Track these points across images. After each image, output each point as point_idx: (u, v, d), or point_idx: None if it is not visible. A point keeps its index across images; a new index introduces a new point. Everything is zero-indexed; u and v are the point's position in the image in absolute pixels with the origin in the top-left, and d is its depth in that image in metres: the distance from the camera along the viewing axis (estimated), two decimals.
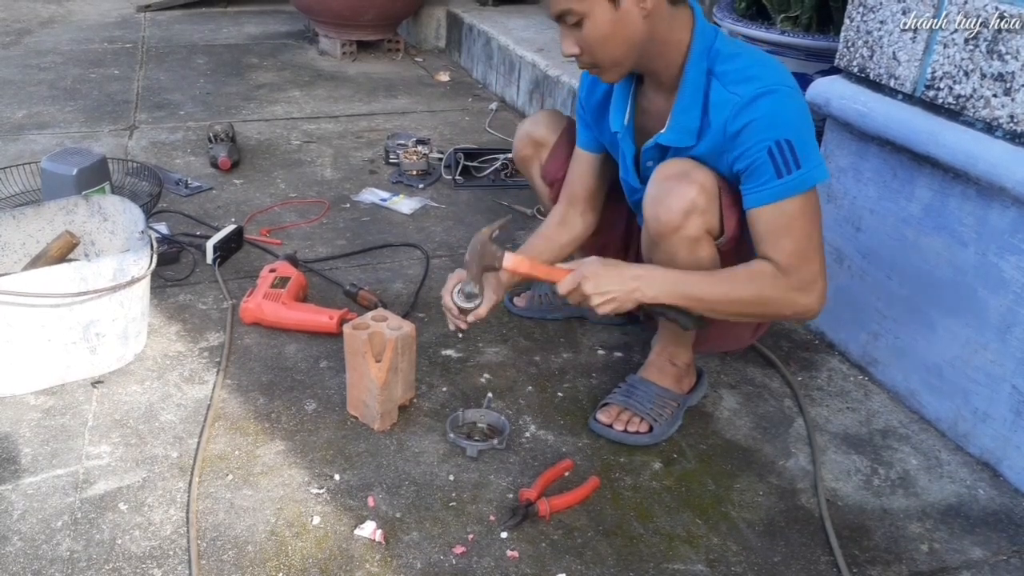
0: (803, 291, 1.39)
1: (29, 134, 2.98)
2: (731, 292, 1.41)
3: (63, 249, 1.82)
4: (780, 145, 1.33)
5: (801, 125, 1.36)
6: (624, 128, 1.54)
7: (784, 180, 1.35)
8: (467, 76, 3.98)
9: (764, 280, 1.39)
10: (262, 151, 2.93)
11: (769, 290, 1.39)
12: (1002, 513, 1.50)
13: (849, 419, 1.73)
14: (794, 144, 1.33)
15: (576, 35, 1.38)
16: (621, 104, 1.55)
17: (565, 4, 1.35)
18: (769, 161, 1.34)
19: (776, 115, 1.34)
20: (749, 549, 1.39)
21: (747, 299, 1.41)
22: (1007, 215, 1.52)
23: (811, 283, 1.39)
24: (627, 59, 1.41)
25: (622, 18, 1.35)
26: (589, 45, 1.38)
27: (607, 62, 1.41)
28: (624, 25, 1.36)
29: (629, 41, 1.38)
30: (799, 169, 1.34)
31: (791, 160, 1.33)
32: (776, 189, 1.35)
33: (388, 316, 1.62)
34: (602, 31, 1.36)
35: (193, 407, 1.65)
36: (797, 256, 1.38)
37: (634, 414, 1.62)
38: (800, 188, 1.36)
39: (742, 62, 1.39)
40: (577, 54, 1.40)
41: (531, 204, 2.59)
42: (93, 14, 4.77)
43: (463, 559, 1.34)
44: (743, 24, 2.15)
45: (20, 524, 1.37)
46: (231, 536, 1.37)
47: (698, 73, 1.40)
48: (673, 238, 1.42)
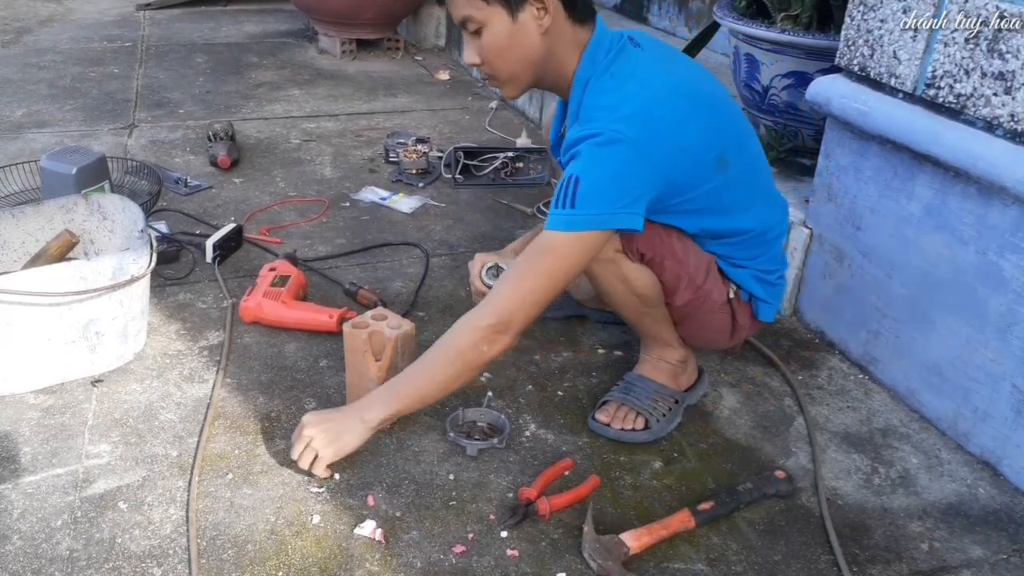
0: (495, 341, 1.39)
1: (28, 133, 2.98)
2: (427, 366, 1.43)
3: (62, 248, 1.82)
4: (570, 180, 1.33)
5: (602, 170, 1.32)
6: (558, 140, 1.60)
7: (557, 212, 1.34)
8: (467, 75, 3.98)
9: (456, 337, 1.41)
10: (262, 150, 2.92)
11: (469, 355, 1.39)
12: (1002, 512, 1.50)
13: (849, 418, 1.73)
14: (580, 184, 1.31)
15: (476, 44, 1.41)
16: (558, 119, 1.62)
17: (465, 11, 1.38)
18: (559, 190, 1.34)
19: (585, 156, 1.33)
20: (749, 548, 1.39)
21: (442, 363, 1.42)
22: (1007, 214, 1.52)
23: (505, 330, 1.38)
24: (525, 74, 1.44)
25: (519, 31, 1.38)
26: (488, 56, 1.41)
27: (505, 74, 1.44)
28: (521, 39, 1.38)
29: (526, 56, 1.40)
30: (571, 208, 1.32)
31: (569, 197, 1.32)
32: (552, 217, 1.35)
33: (388, 315, 1.62)
34: (499, 42, 1.38)
35: (193, 406, 1.65)
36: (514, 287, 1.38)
37: (631, 410, 1.62)
38: (563, 227, 1.34)
39: (601, 97, 1.38)
40: (478, 64, 1.43)
41: (531, 203, 2.59)
42: (92, 12, 4.77)
43: (463, 558, 1.34)
44: (743, 23, 2.15)
45: (20, 523, 1.37)
46: (231, 535, 1.37)
47: (575, 102, 1.44)
48: (593, 265, 1.46)
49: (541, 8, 1.37)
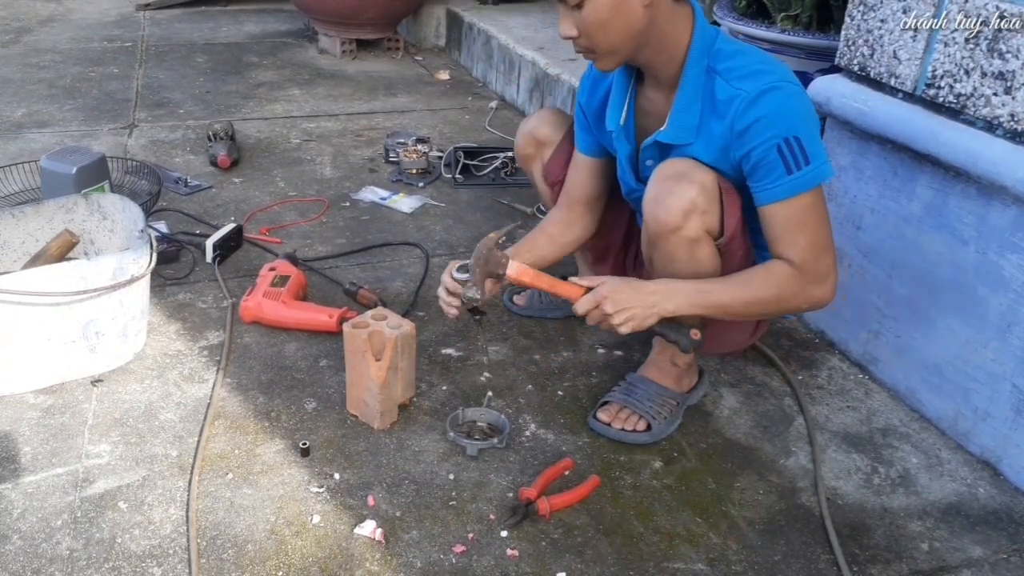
0: (818, 284, 1.42)
1: (28, 133, 2.98)
2: (751, 296, 1.43)
3: (62, 248, 1.82)
4: (789, 142, 1.34)
5: (808, 122, 1.37)
6: (620, 127, 1.54)
7: (794, 176, 1.35)
8: (467, 74, 3.98)
9: (782, 280, 1.41)
10: (261, 150, 2.92)
11: (787, 289, 1.41)
12: (1002, 512, 1.50)
13: (849, 418, 1.73)
14: (803, 141, 1.34)
15: (575, 17, 1.37)
16: (618, 103, 1.54)
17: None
18: (779, 158, 1.35)
19: (783, 111, 1.34)
20: (749, 548, 1.39)
21: (767, 299, 1.43)
22: (1007, 213, 1.51)
23: (826, 275, 1.42)
24: (624, 47, 1.40)
25: (623, 4, 1.34)
26: (587, 29, 1.37)
27: (604, 48, 1.39)
28: (624, 12, 1.35)
29: (628, 29, 1.37)
30: (808, 166, 1.35)
31: (800, 157, 1.34)
32: (788, 186, 1.36)
33: (388, 315, 1.61)
34: (602, 15, 1.35)
35: (193, 406, 1.65)
36: (812, 251, 1.40)
37: (633, 412, 1.62)
38: (810, 184, 1.37)
39: (744, 59, 1.40)
40: (575, 36, 1.39)
41: (531, 203, 2.59)
42: (92, 13, 4.77)
43: (463, 558, 1.34)
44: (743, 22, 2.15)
45: (20, 523, 1.37)
46: (231, 535, 1.36)
47: (698, 71, 1.40)
48: (672, 238, 1.42)
49: None
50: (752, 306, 1.44)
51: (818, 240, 1.40)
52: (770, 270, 1.42)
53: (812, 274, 1.40)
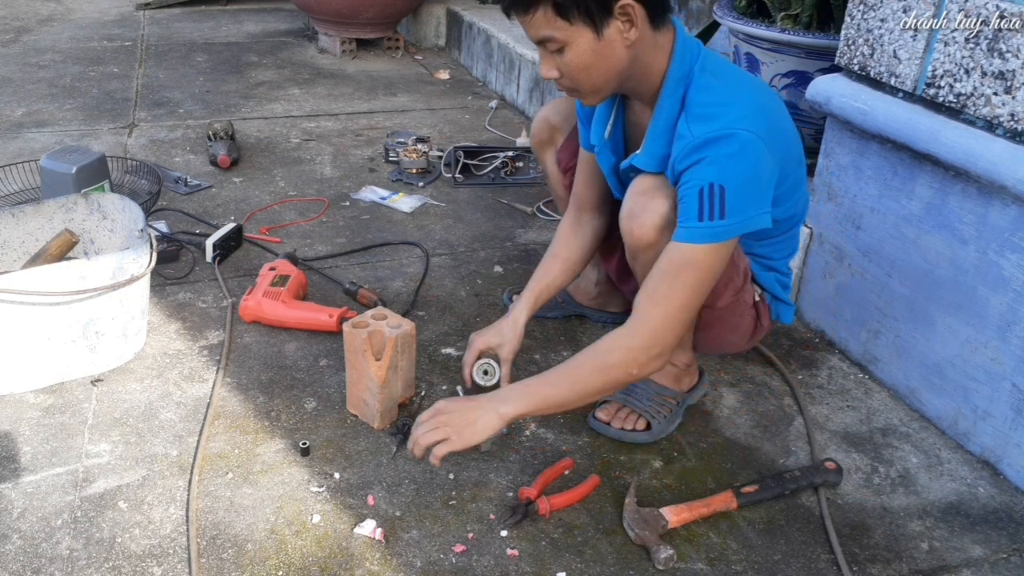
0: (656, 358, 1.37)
1: (28, 132, 2.97)
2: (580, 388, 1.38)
3: (62, 247, 1.82)
4: (712, 189, 1.29)
5: (744, 173, 1.30)
6: (603, 141, 1.55)
7: (703, 225, 1.31)
8: (467, 74, 3.97)
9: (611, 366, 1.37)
10: (261, 149, 2.92)
11: (617, 372, 1.37)
12: (1002, 511, 1.50)
13: (849, 417, 1.73)
14: (727, 192, 1.28)
15: (557, 60, 1.35)
16: (603, 117, 1.55)
17: (547, 31, 1.31)
18: (696, 201, 1.30)
19: (719, 159, 1.29)
20: (749, 547, 1.39)
21: (599, 388, 1.39)
22: (1007, 213, 1.51)
23: (659, 354, 1.37)
24: (608, 86, 1.39)
25: (605, 48, 1.32)
26: (570, 71, 1.35)
27: (587, 88, 1.39)
28: (607, 55, 1.33)
29: (611, 70, 1.35)
30: (722, 220, 1.29)
31: (717, 208, 1.29)
32: (693, 231, 1.31)
33: (388, 314, 1.61)
34: (584, 60, 1.33)
35: (193, 405, 1.65)
36: (662, 311, 1.35)
37: (632, 411, 1.62)
38: (717, 238, 1.31)
39: (711, 94, 1.35)
40: (557, 78, 1.38)
41: (531, 202, 2.59)
42: (92, 12, 4.76)
43: (463, 557, 1.34)
44: (743, 22, 2.15)
45: (20, 522, 1.37)
46: (231, 534, 1.36)
47: (672, 101, 1.38)
48: (649, 252, 1.42)
49: (627, 21, 1.30)
50: (587, 397, 1.40)
51: (677, 302, 1.34)
52: (598, 345, 1.39)
53: (657, 348, 1.36)
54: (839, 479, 1.51)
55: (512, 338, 1.66)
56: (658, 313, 1.35)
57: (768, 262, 1.58)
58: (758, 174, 1.32)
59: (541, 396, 1.39)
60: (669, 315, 1.35)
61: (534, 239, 2.38)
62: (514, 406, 1.37)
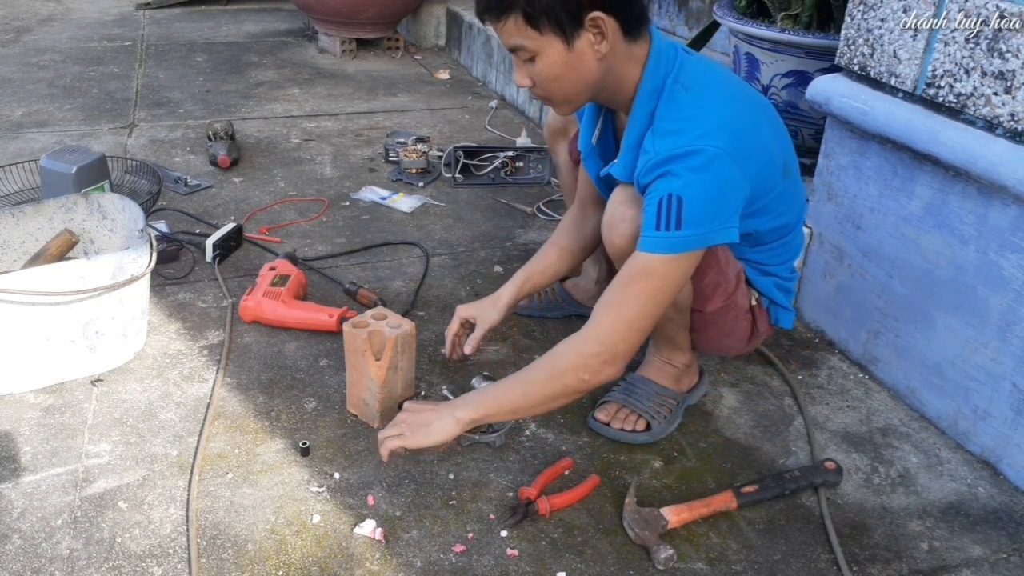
0: (611, 364, 1.36)
1: (28, 132, 2.97)
2: (535, 395, 1.39)
3: (62, 247, 1.82)
4: (670, 199, 1.29)
5: (705, 187, 1.29)
6: (591, 147, 1.56)
7: (659, 235, 1.30)
8: (467, 74, 3.97)
9: (566, 373, 1.37)
10: (261, 149, 2.92)
11: (570, 380, 1.36)
12: (1002, 511, 1.50)
13: (849, 417, 1.73)
14: (684, 204, 1.28)
15: (529, 69, 1.36)
16: (589, 125, 1.56)
17: (518, 39, 1.32)
18: (655, 211, 1.30)
19: (680, 172, 1.29)
20: (749, 547, 1.39)
21: (552, 395, 1.38)
22: (1007, 213, 1.51)
23: (612, 360, 1.35)
24: (580, 97, 1.40)
25: (575, 59, 1.32)
26: (541, 81, 1.36)
27: (559, 98, 1.40)
28: (577, 66, 1.33)
29: (582, 81, 1.36)
30: (678, 231, 1.29)
31: (674, 219, 1.29)
32: (649, 240, 1.32)
33: (388, 314, 1.61)
34: (554, 70, 1.33)
35: (193, 405, 1.65)
36: (616, 318, 1.35)
37: (632, 412, 1.62)
38: (672, 249, 1.31)
39: (677, 110, 1.34)
40: (529, 86, 1.39)
41: (531, 202, 2.59)
42: (92, 12, 4.77)
43: (463, 557, 1.34)
44: (743, 22, 2.15)
45: (20, 522, 1.37)
46: (231, 534, 1.36)
47: (644, 113, 1.38)
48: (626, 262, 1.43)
49: (598, 34, 1.30)
50: (541, 403, 1.40)
51: (632, 310, 1.34)
52: (552, 352, 1.39)
53: (609, 355, 1.34)
54: (839, 479, 1.51)
55: (491, 313, 1.68)
56: (611, 321, 1.35)
57: (764, 267, 1.57)
58: (722, 189, 1.31)
59: (496, 402, 1.40)
60: (622, 323, 1.34)
61: (534, 239, 2.38)
62: (468, 411, 1.39)
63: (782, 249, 1.57)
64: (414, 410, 1.43)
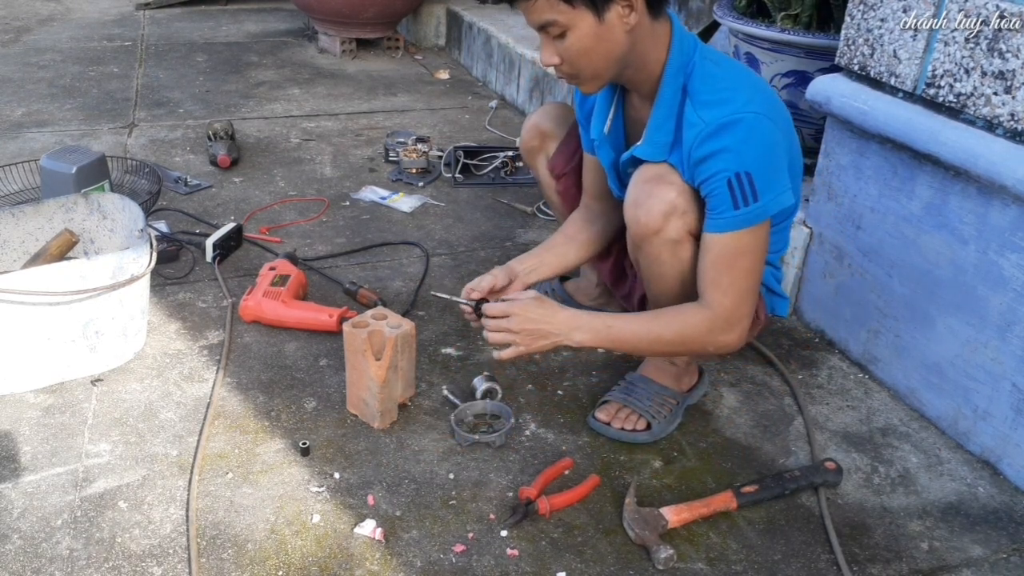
0: (727, 331, 1.43)
1: (28, 132, 2.97)
2: (654, 334, 1.46)
3: (62, 247, 1.82)
4: (740, 177, 1.33)
5: (764, 155, 1.35)
6: (603, 136, 1.57)
7: (740, 212, 1.35)
8: (467, 74, 3.97)
9: (688, 322, 1.44)
10: (261, 149, 2.92)
11: (692, 331, 1.44)
12: (1002, 511, 1.50)
13: (849, 417, 1.73)
14: (753, 176, 1.33)
15: (558, 46, 1.37)
16: (603, 112, 1.56)
17: (549, 15, 1.34)
18: (727, 192, 1.34)
19: (738, 146, 1.33)
20: (749, 547, 1.39)
21: (670, 339, 1.45)
22: (1007, 213, 1.51)
23: (737, 322, 1.43)
24: (607, 72, 1.41)
25: (606, 32, 1.35)
26: (571, 56, 1.38)
27: (588, 74, 1.41)
28: (607, 39, 1.36)
29: (611, 55, 1.38)
30: (756, 202, 1.35)
31: (749, 193, 1.34)
32: (731, 220, 1.36)
33: (388, 314, 1.61)
34: (585, 44, 1.36)
35: (193, 405, 1.65)
36: (733, 295, 1.41)
37: (632, 411, 1.62)
38: (754, 221, 1.37)
39: (715, 82, 1.38)
40: (558, 64, 1.40)
41: (531, 202, 2.59)
42: (92, 12, 4.76)
43: (463, 557, 1.34)
44: (743, 22, 2.15)
45: (20, 522, 1.37)
46: (231, 534, 1.36)
47: (673, 90, 1.41)
48: (655, 240, 1.44)
49: (627, 6, 1.34)
50: (655, 344, 1.47)
51: (742, 285, 1.41)
52: (681, 311, 1.45)
53: (724, 320, 1.42)
54: (839, 479, 1.51)
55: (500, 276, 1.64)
56: (730, 302, 1.41)
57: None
58: (774, 151, 1.38)
59: (616, 335, 1.46)
60: (739, 299, 1.42)
61: (534, 239, 2.38)
62: (588, 336, 1.45)
63: (781, 234, 1.58)
64: (530, 316, 1.44)
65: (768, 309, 1.63)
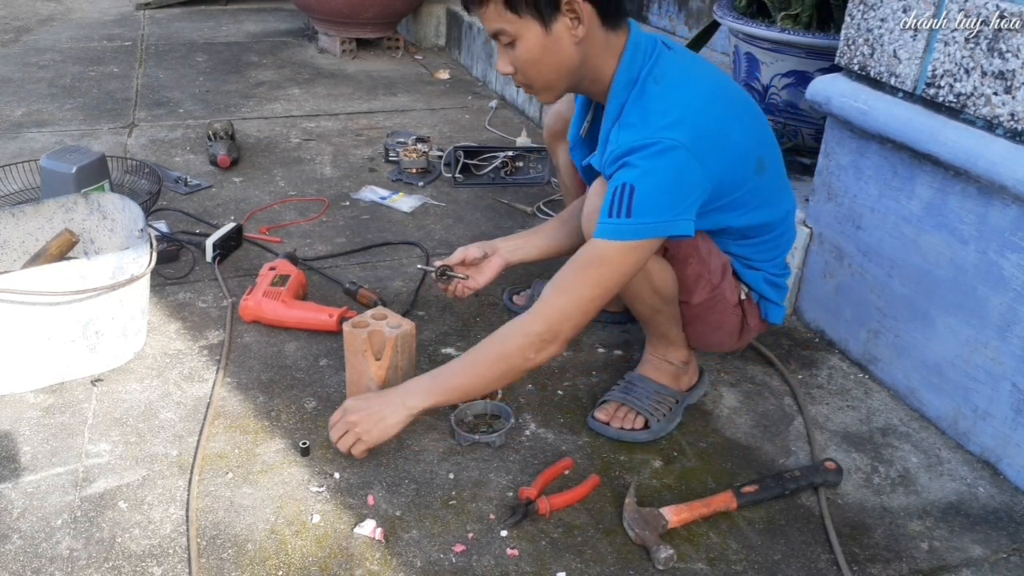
0: (542, 348, 1.40)
1: (28, 132, 2.98)
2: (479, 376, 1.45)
3: (62, 247, 1.82)
4: (624, 188, 1.31)
5: (660, 178, 1.31)
6: (579, 139, 1.59)
7: (610, 222, 1.33)
8: (467, 74, 3.98)
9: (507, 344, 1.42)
10: (261, 149, 2.92)
11: (510, 350, 1.41)
12: (1002, 511, 1.50)
13: (849, 417, 1.73)
14: (636, 193, 1.30)
15: (510, 55, 1.40)
16: (579, 117, 1.59)
17: (497, 24, 1.36)
18: (610, 199, 1.33)
19: (637, 162, 1.32)
20: (749, 547, 1.39)
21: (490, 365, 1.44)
22: (1007, 213, 1.51)
23: (556, 335, 1.40)
24: (559, 83, 1.43)
25: (553, 43, 1.36)
26: (522, 66, 1.40)
27: (540, 84, 1.43)
28: (555, 50, 1.37)
29: (561, 66, 1.39)
30: (628, 218, 1.31)
31: (625, 207, 1.31)
32: (602, 227, 1.34)
33: (388, 314, 1.62)
34: (533, 54, 1.37)
35: (193, 405, 1.65)
36: (565, 301, 1.38)
37: (631, 410, 1.62)
38: (623, 236, 1.33)
39: (646, 102, 1.37)
40: (511, 73, 1.42)
41: (531, 202, 2.59)
42: (92, 12, 4.77)
43: (463, 557, 1.34)
44: (743, 22, 2.15)
45: (20, 522, 1.37)
46: (231, 534, 1.36)
47: (615, 107, 1.41)
48: None
49: (575, 18, 1.34)
50: (482, 375, 1.45)
51: (582, 294, 1.37)
52: (497, 336, 1.44)
53: (552, 334, 1.39)
54: (839, 479, 1.51)
55: (473, 249, 1.76)
56: (560, 303, 1.39)
57: (750, 262, 1.58)
58: (677, 181, 1.32)
59: (446, 386, 1.46)
60: (567, 305, 1.38)
61: None
62: (420, 398, 1.45)
63: (769, 244, 1.57)
64: (360, 408, 1.46)
65: (761, 315, 1.63)
